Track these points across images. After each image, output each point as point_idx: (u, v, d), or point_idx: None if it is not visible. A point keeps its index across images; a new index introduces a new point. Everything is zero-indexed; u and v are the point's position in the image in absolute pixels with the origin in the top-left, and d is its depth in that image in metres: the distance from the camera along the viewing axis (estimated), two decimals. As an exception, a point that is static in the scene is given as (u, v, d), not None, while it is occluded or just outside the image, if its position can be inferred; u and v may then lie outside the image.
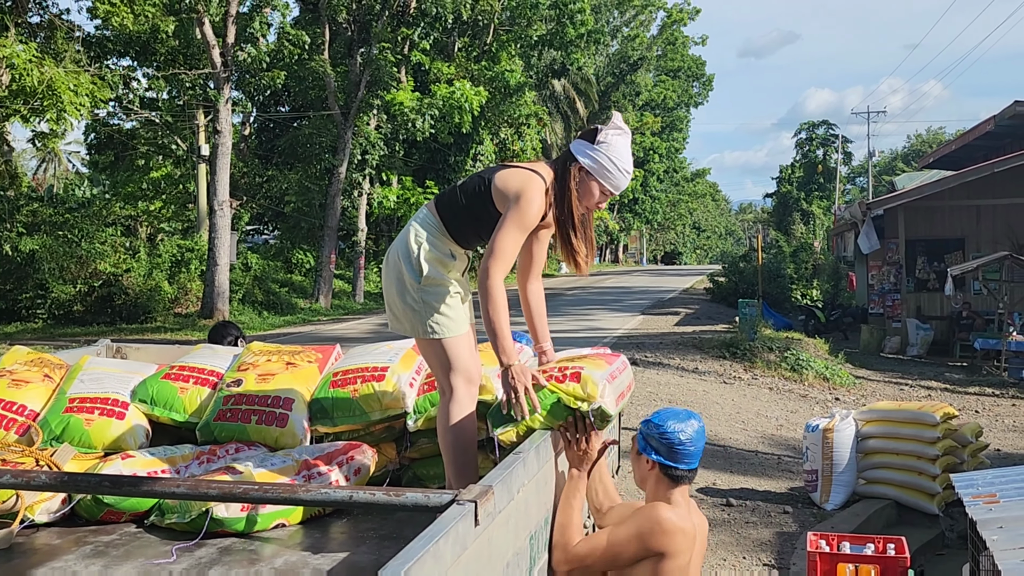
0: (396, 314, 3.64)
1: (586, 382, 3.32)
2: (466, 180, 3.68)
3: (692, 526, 3.14)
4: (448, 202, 3.63)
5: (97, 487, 2.89)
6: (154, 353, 5.17)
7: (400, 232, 3.70)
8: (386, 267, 3.66)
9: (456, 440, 3.53)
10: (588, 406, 3.26)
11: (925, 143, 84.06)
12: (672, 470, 3.17)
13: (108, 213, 29.48)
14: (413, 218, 3.66)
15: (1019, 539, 3.68)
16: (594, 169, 3.55)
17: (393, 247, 3.66)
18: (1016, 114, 20.86)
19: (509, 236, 3.43)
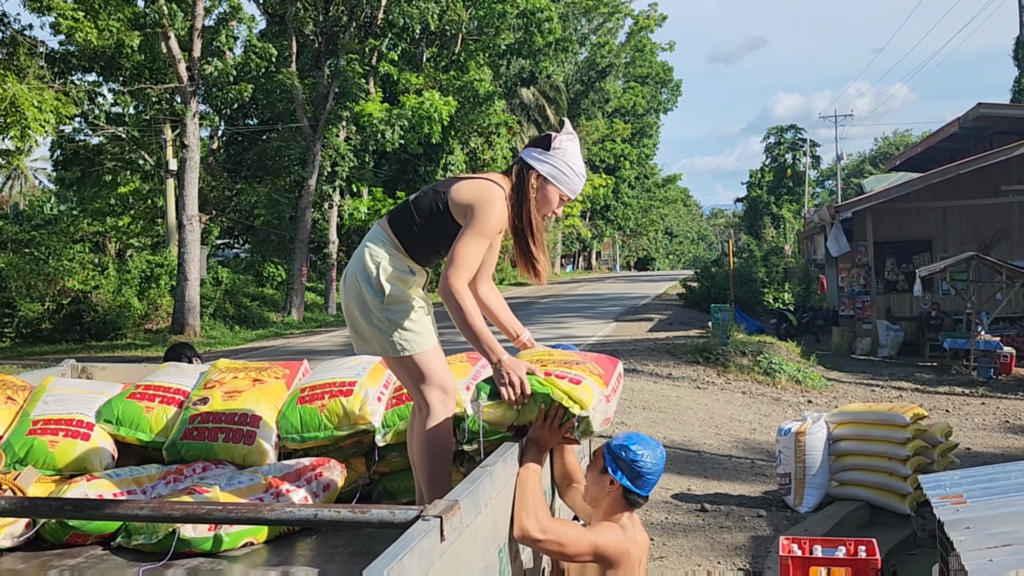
0: (362, 335, 3.59)
1: (584, 390, 3.28)
2: (419, 197, 3.61)
3: (638, 547, 3.26)
4: (401, 220, 3.57)
5: (59, 511, 2.85)
6: (120, 372, 5.12)
7: (355, 253, 3.64)
8: (345, 290, 3.61)
9: (432, 455, 3.50)
10: (578, 410, 3.22)
11: (892, 145, 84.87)
12: (634, 495, 3.27)
13: (76, 229, 29.26)
14: (367, 238, 3.61)
15: (985, 540, 3.71)
16: (553, 175, 3.57)
17: (350, 269, 3.60)
18: (980, 116, 21.11)
19: (471, 245, 3.41)
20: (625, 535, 3.17)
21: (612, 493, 3.25)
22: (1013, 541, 3.62)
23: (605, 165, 68.71)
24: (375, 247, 3.55)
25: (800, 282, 32.60)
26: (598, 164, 68.05)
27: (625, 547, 3.13)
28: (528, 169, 3.59)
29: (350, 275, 3.58)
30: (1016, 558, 3.47)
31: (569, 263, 76.44)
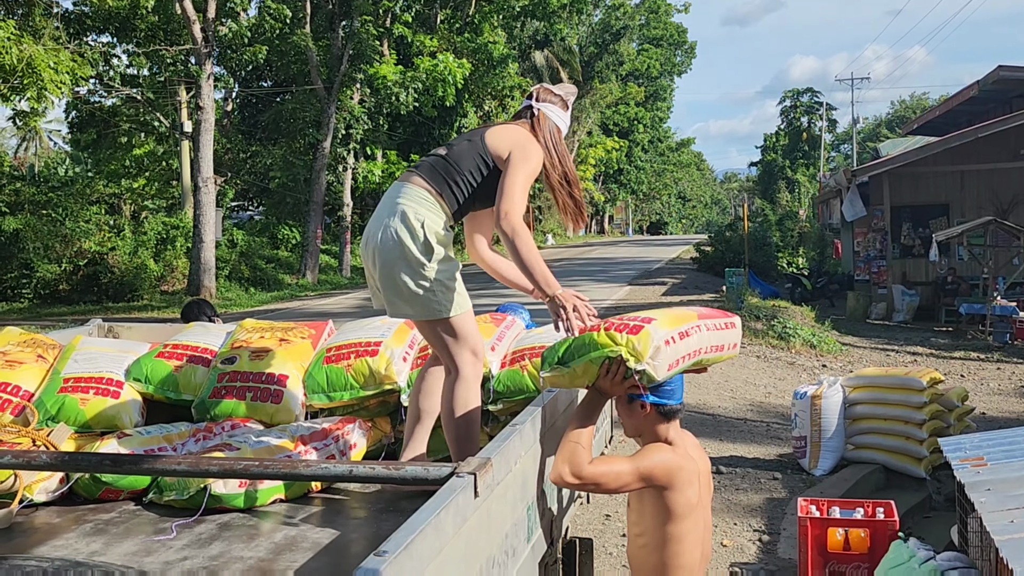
0: (402, 297, 3.44)
1: (642, 338, 2.99)
2: (453, 149, 3.60)
3: (693, 461, 3.16)
4: (441, 174, 3.52)
5: (98, 466, 2.90)
6: (146, 332, 5.18)
7: (384, 215, 3.49)
8: (381, 251, 3.44)
9: (463, 416, 3.51)
10: (634, 363, 2.98)
11: (909, 109, 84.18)
12: (666, 407, 3.17)
13: (91, 191, 29.32)
14: (401, 196, 3.48)
15: (1007, 501, 3.73)
16: (563, 132, 3.75)
17: (387, 230, 3.43)
18: (1000, 79, 20.92)
19: (520, 181, 3.43)
20: (674, 452, 3.10)
21: (646, 416, 3.17)
22: (1034, 503, 3.65)
23: (618, 128, 68.43)
24: (414, 205, 3.44)
25: (815, 247, 32.49)
26: (611, 127, 67.78)
27: (676, 463, 3.06)
28: (553, 124, 3.70)
29: (389, 236, 3.42)
30: (1037, 519, 3.50)
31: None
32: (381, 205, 3.56)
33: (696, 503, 3.11)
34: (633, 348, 2.98)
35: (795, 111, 70.90)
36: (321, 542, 3.08)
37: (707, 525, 3.24)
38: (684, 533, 3.06)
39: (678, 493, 3.05)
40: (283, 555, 2.94)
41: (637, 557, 3.16)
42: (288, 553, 2.96)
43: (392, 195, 3.53)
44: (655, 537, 3.08)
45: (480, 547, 2.52)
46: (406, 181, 3.54)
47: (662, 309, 3.24)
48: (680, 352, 3.06)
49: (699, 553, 3.15)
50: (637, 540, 3.15)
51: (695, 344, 3.13)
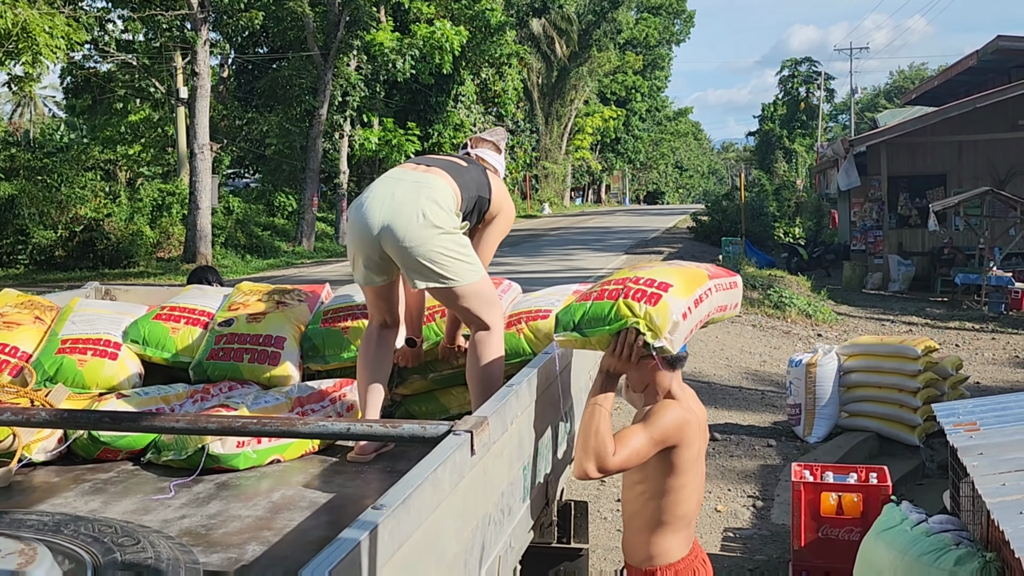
0: (437, 263, 3.45)
1: (660, 311, 2.93)
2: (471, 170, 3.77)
3: (695, 414, 3.16)
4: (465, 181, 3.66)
5: (97, 423, 2.92)
6: (143, 295, 5.19)
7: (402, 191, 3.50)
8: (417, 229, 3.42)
9: (494, 375, 3.56)
10: (652, 339, 2.93)
11: (908, 79, 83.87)
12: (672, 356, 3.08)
13: (87, 157, 29.18)
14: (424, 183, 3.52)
15: (999, 465, 3.76)
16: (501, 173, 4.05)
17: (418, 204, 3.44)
18: (999, 49, 20.84)
19: (495, 246, 3.98)
20: (680, 406, 3.09)
21: (652, 367, 3.10)
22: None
23: (616, 97, 68.16)
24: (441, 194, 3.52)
25: (811, 216, 32.47)
26: (609, 96, 67.50)
27: (684, 419, 3.06)
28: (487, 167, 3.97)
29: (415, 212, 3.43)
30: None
31: (578, 196, 76.13)
32: (389, 185, 3.55)
33: (698, 455, 3.14)
34: (652, 322, 2.91)
35: (793, 81, 70.57)
36: (319, 501, 3.10)
37: (702, 472, 3.28)
38: (685, 485, 3.09)
39: (684, 449, 3.06)
40: (281, 514, 2.96)
41: (634, 504, 3.17)
42: (286, 512, 2.99)
43: (409, 180, 3.54)
44: (655, 487, 3.09)
45: (477, 504, 2.54)
46: (427, 172, 3.59)
47: (675, 268, 3.16)
48: (694, 321, 3.05)
49: (695, 502, 3.18)
50: (636, 488, 3.15)
51: (706, 309, 3.11)
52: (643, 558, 3.15)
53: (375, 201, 3.49)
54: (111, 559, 1.95)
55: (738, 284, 3.38)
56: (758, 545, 6.49)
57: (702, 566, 3.20)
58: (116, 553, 1.98)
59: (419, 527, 2.05)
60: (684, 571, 3.13)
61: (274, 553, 2.63)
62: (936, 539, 3.90)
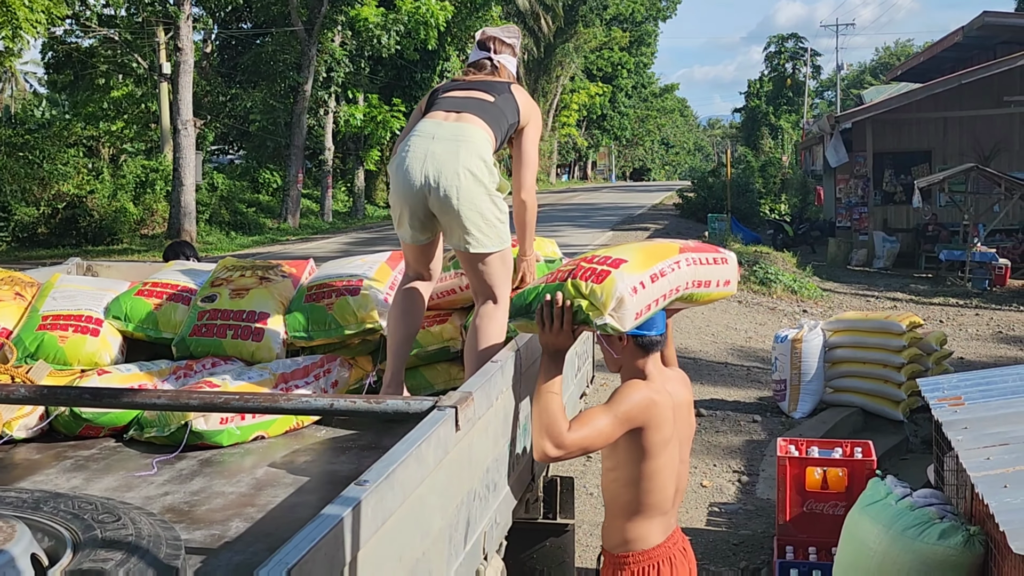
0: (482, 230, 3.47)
1: (605, 288, 2.83)
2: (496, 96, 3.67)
3: (669, 397, 3.06)
4: (496, 119, 3.61)
5: (77, 399, 2.89)
6: (125, 270, 5.14)
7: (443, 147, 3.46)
8: (465, 189, 3.41)
9: (495, 346, 3.49)
10: (595, 317, 2.84)
11: (893, 56, 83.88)
12: (641, 338, 3.03)
13: (69, 134, 28.88)
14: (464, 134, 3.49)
15: (983, 439, 3.76)
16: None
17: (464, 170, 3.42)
18: (984, 25, 20.83)
19: (536, 152, 3.82)
20: (647, 388, 2.99)
21: (626, 349, 3.06)
22: (1010, 440, 3.68)
23: (602, 74, 67.94)
24: (482, 145, 3.50)
25: (797, 193, 32.50)
26: (595, 72, 67.28)
27: (649, 400, 2.96)
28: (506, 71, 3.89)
29: (461, 171, 3.42)
30: (1013, 456, 3.53)
31: (564, 173, 76.01)
32: (427, 142, 3.49)
33: (670, 439, 3.03)
34: (596, 299, 2.83)
35: (780, 57, 70.45)
36: (303, 478, 3.09)
37: (683, 460, 3.19)
38: (657, 470, 3.01)
39: (653, 432, 2.97)
40: (264, 491, 2.95)
41: (610, 491, 3.15)
42: (270, 489, 2.97)
43: (449, 134, 3.50)
44: (627, 473, 3.03)
45: (462, 480, 2.53)
46: (462, 122, 3.54)
47: (641, 244, 3.10)
48: (651, 296, 2.91)
49: (672, 489, 3.10)
50: (610, 474, 3.11)
51: (671, 283, 2.98)
52: (617, 543, 3.12)
53: (415, 159, 3.47)
54: (91, 536, 1.93)
55: (729, 260, 3.27)
56: (743, 520, 6.52)
57: (681, 555, 3.13)
58: (96, 530, 1.96)
59: (403, 503, 2.04)
60: (658, 558, 3.08)
61: (258, 530, 2.62)
62: (920, 513, 3.91)
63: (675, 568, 3.10)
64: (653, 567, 3.06)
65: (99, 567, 1.79)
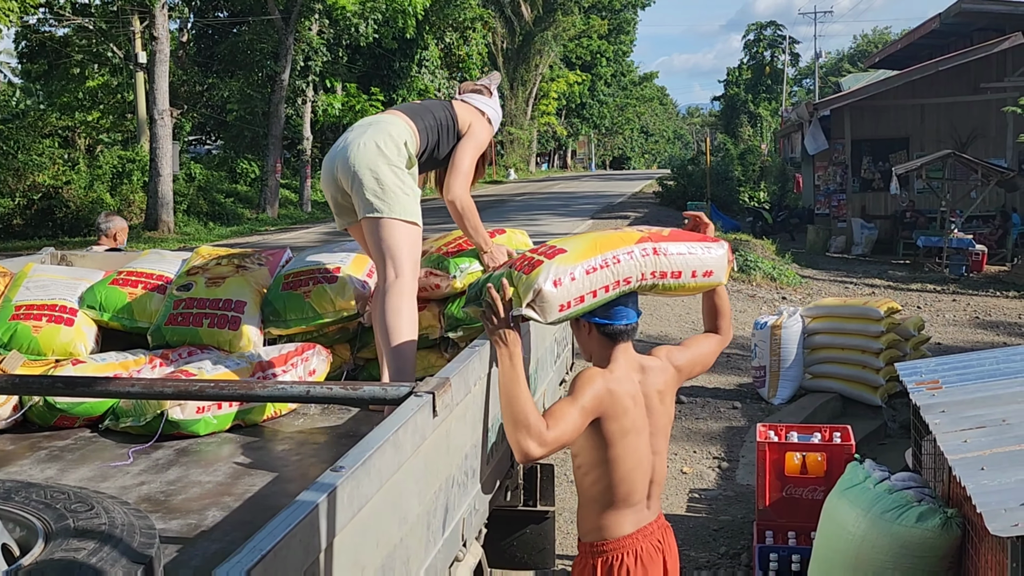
0: (376, 193, 3.58)
1: (530, 279, 2.80)
2: (428, 100, 3.99)
3: (631, 386, 2.99)
4: (419, 113, 3.83)
5: (51, 388, 2.85)
6: (100, 260, 5.10)
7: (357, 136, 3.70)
8: (361, 156, 3.61)
9: (401, 328, 3.48)
10: (516, 305, 2.81)
11: (871, 43, 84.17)
12: (607, 327, 2.98)
13: (44, 124, 28.61)
14: (380, 123, 3.74)
15: (960, 422, 3.79)
16: (494, 119, 4.14)
17: (367, 142, 3.64)
18: (961, 12, 20.91)
19: (469, 158, 3.89)
20: (602, 376, 2.92)
21: (592, 337, 3.03)
22: (987, 423, 3.71)
23: (581, 62, 67.84)
24: (396, 131, 3.69)
25: (776, 181, 32.59)
26: (574, 61, 67.16)
27: (604, 390, 2.89)
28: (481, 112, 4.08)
29: (370, 145, 3.63)
30: (990, 439, 3.56)
31: (544, 162, 75.92)
32: (354, 130, 3.77)
33: (629, 429, 2.96)
34: (521, 289, 2.80)
35: (759, 45, 70.55)
36: (280, 466, 3.07)
37: (657, 451, 3.11)
38: (616, 459, 2.95)
39: (609, 421, 2.92)
40: (242, 479, 2.93)
41: (576, 478, 3.13)
42: (246, 477, 2.95)
43: (369, 122, 3.79)
44: (588, 459, 2.99)
45: (439, 466, 2.51)
46: (384, 114, 3.87)
47: (597, 235, 3.02)
48: (584, 288, 2.84)
49: (644, 480, 3.04)
50: (575, 460, 3.09)
51: (616, 274, 2.90)
52: (586, 531, 3.11)
53: (336, 146, 3.75)
54: (63, 525, 1.91)
55: (715, 250, 3.14)
56: (723, 506, 6.54)
57: (653, 548, 3.08)
58: (69, 519, 1.93)
59: (380, 489, 2.02)
60: (627, 549, 3.05)
61: (235, 519, 2.60)
62: (898, 496, 3.93)
63: (643, 561, 3.04)
64: (617, 558, 3.02)
65: (71, 556, 1.77)
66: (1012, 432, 3.58)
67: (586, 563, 3.10)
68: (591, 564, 3.07)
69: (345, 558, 1.86)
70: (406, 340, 3.49)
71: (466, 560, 2.77)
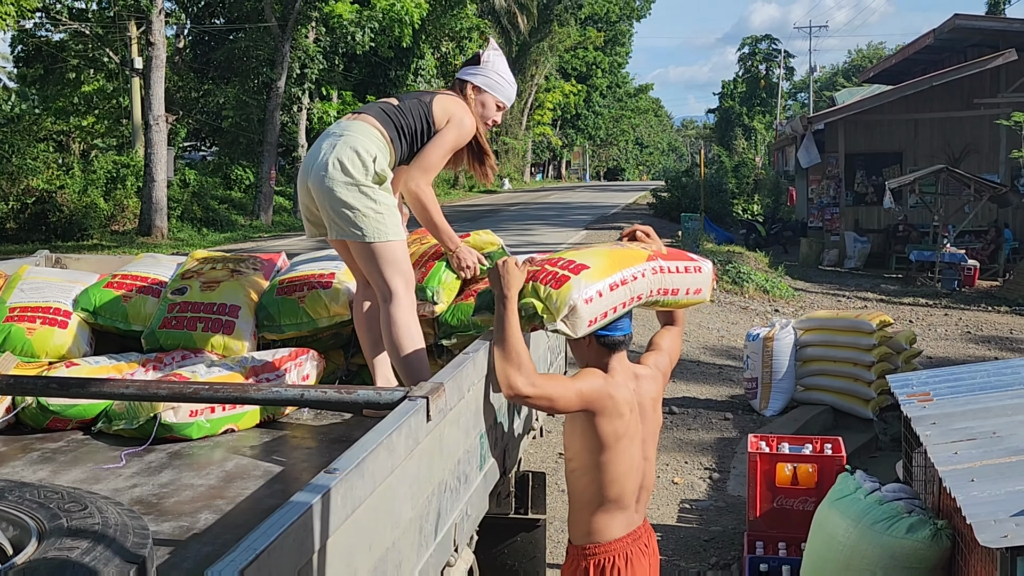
0: (346, 219, 3.45)
1: (561, 294, 2.94)
2: (403, 101, 3.72)
3: (628, 393, 3.09)
4: (392, 119, 3.63)
5: (44, 390, 2.86)
6: (94, 263, 5.10)
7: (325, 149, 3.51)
8: (331, 177, 3.43)
9: (406, 341, 3.51)
10: (548, 321, 2.96)
11: (865, 58, 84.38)
12: (605, 338, 3.10)
13: (39, 128, 28.58)
14: (349, 132, 3.52)
15: (951, 434, 3.80)
16: (487, 85, 3.87)
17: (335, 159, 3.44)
18: (956, 27, 20.99)
19: (440, 153, 3.69)
20: (608, 380, 3.04)
21: (590, 347, 3.12)
22: (977, 435, 3.72)
23: (577, 73, 68.00)
24: (366, 141, 3.50)
25: (770, 194, 32.63)
26: (570, 72, 67.33)
27: (605, 391, 3.01)
28: (464, 83, 3.87)
29: (338, 163, 3.44)
30: (980, 451, 3.57)
31: (539, 172, 76.00)
32: (322, 139, 3.59)
33: (623, 434, 3.06)
34: (551, 304, 2.94)
35: (753, 58, 70.78)
36: (273, 470, 3.07)
37: (648, 458, 3.20)
38: (609, 462, 3.04)
39: (605, 421, 3.01)
40: (234, 483, 2.93)
41: (570, 482, 3.19)
42: (239, 481, 2.95)
43: (338, 131, 3.57)
44: (582, 463, 3.08)
45: (433, 471, 2.52)
46: (354, 119, 3.63)
47: (610, 249, 3.17)
48: (608, 304, 3.01)
49: (634, 485, 3.13)
50: (569, 464, 3.17)
51: (632, 291, 3.08)
52: (578, 534, 3.18)
53: (307, 155, 3.62)
54: (57, 525, 1.91)
55: (704, 269, 3.35)
56: (714, 516, 6.55)
57: (640, 552, 3.15)
58: (63, 519, 1.94)
59: (372, 492, 2.03)
60: (615, 552, 3.12)
61: (227, 521, 2.60)
62: (889, 507, 3.94)
63: (632, 564, 3.13)
64: (610, 560, 3.11)
65: (64, 555, 1.77)
66: (1002, 444, 3.60)
67: (577, 565, 3.15)
68: (582, 566, 3.13)
69: (338, 560, 1.87)
70: (414, 350, 3.50)
71: (458, 565, 2.78)
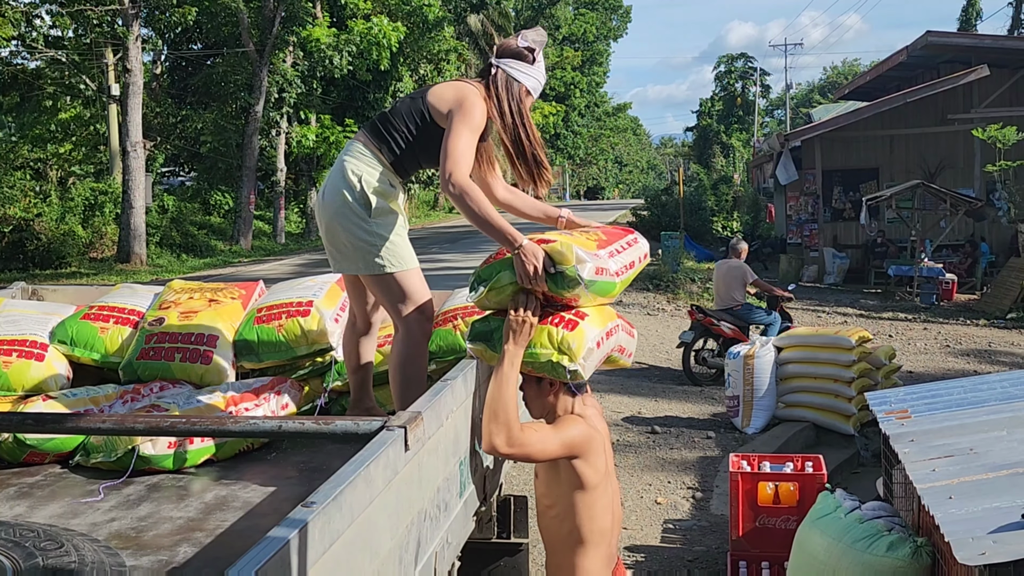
0: (343, 252, 3.44)
1: (576, 337, 3.03)
2: (395, 107, 3.55)
3: (599, 433, 3.17)
4: (383, 131, 3.48)
5: (20, 425, 2.84)
6: (71, 294, 5.07)
7: (332, 170, 3.51)
8: (323, 207, 3.44)
9: (406, 376, 3.49)
10: (567, 362, 3.01)
11: (841, 75, 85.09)
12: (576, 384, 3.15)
13: (15, 156, 28.48)
14: (345, 153, 3.48)
15: (929, 451, 3.82)
16: (535, 89, 3.60)
17: (329, 185, 3.45)
18: (928, 44, 21.21)
19: (463, 138, 3.31)
20: (586, 423, 3.09)
21: (554, 392, 3.13)
22: (955, 452, 3.74)
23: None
24: (355, 161, 3.43)
25: (749, 211, 32.81)
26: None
27: (589, 434, 3.07)
28: (515, 83, 3.53)
29: (330, 191, 3.43)
30: (958, 468, 3.59)
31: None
32: (336, 164, 3.54)
33: (603, 470, 3.12)
34: (568, 347, 3.02)
35: (730, 76, 71.24)
36: (252, 501, 3.06)
37: (616, 491, 3.28)
38: (595, 501, 3.08)
39: (591, 462, 3.06)
40: (213, 515, 2.92)
41: (549, 528, 3.16)
42: (218, 512, 2.94)
43: (341, 159, 3.52)
44: (567, 506, 3.08)
45: (412, 500, 2.52)
46: (355, 139, 3.56)
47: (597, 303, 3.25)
48: (603, 353, 3.20)
49: (610, 519, 3.16)
50: (549, 512, 3.14)
51: (612, 344, 3.28)
52: None
53: (321, 189, 3.56)
54: (33, 564, 1.90)
55: (634, 334, 3.54)
56: (697, 536, 6.55)
57: None
58: (38, 558, 1.93)
59: (351, 524, 2.03)
60: None
61: (206, 554, 2.59)
62: (869, 526, 3.95)
63: None
64: None
65: (40, 595, 1.76)
66: (979, 461, 3.62)
67: None
68: None
69: (316, 594, 1.86)
70: (410, 386, 3.47)
71: (439, 593, 2.77)
